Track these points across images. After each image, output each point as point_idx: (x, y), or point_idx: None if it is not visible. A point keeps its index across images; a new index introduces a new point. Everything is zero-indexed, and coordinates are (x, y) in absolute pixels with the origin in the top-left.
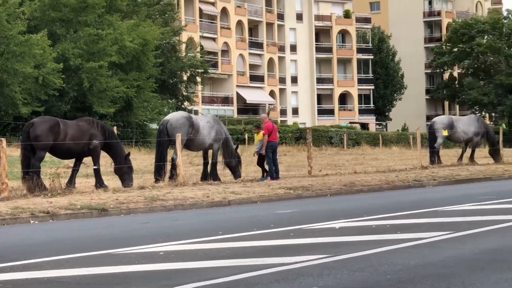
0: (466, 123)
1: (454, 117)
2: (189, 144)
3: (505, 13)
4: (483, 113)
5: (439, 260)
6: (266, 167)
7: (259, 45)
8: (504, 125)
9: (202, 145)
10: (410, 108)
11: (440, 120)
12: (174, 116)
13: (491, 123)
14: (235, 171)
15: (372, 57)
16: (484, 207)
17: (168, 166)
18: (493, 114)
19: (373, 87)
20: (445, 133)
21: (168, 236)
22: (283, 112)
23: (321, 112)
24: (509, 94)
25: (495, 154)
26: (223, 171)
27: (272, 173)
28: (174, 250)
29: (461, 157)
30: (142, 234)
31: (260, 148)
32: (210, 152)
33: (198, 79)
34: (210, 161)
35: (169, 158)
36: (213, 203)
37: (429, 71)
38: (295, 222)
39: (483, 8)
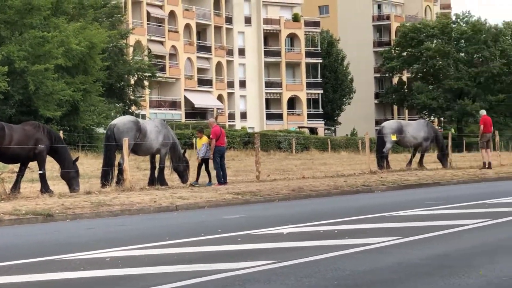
0: (416, 128)
1: (403, 122)
2: (136, 149)
3: (453, 18)
4: (432, 118)
5: (387, 266)
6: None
7: (207, 49)
8: (453, 130)
9: (149, 150)
10: (359, 113)
11: (389, 125)
12: (121, 121)
13: (440, 127)
14: (183, 175)
15: (321, 61)
16: (433, 212)
17: (115, 171)
18: (442, 118)
19: (322, 92)
20: (394, 138)
21: (114, 242)
22: (231, 117)
23: (269, 116)
24: (458, 98)
25: (443, 159)
26: (171, 176)
27: (219, 178)
28: (120, 256)
29: (410, 162)
30: (88, 240)
31: (205, 152)
32: (157, 156)
33: (146, 83)
34: (157, 166)
35: (116, 162)
36: (160, 208)
37: (378, 75)
38: (243, 228)
39: (432, 12)
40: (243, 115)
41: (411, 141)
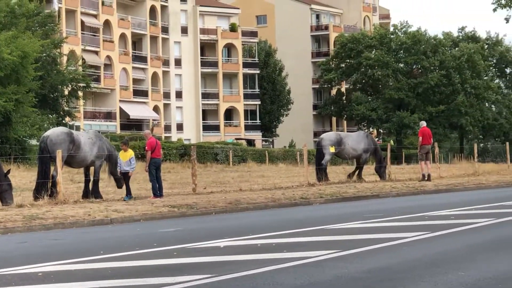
0: (355, 140)
1: (343, 134)
2: (70, 161)
3: (391, 29)
4: (371, 129)
5: (325, 279)
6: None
7: (143, 59)
8: (392, 142)
9: (83, 162)
10: (297, 124)
11: (328, 137)
12: (54, 132)
13: (379, 139)
14: (119, 180)
15: (258, 71)
16: (371, 225)
17: (49, 184)
18: (381, 130)
19: (259, 103)
20: (333, 149)
21: (47, 256)
22: (167, 128)
23: (206, 128)
24: (397, 109)
25: (381, 171)
26: (106, 189)
27: (155, 190)
28: (53, 270)
29: (353, 174)
30: (20, 254)
31: (128, 166)
32: (91, 169)
33: (80, 93)
34: (91, 178)
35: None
36: (95, 221)
37: (316, 86)
38: (179, 241)
39: (371, 22)
40: (180, 127)
41: (350, 152)
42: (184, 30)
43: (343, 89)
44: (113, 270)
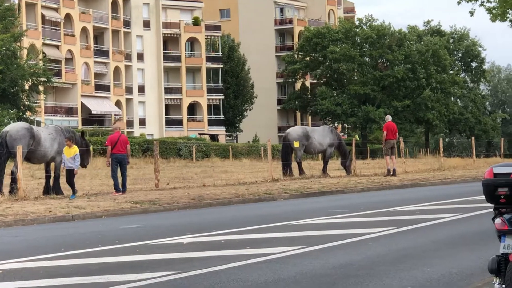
0: (322, 134)
1: (309, 128)
2: (30, 157)
3: (357, 22)
4: (336, 124)
5: (290, 276)
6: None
7: (105, 53)
8: (357, 136)
9: (43, 158)
10: (261, 119)
11: (295, 131)
12: (14, 127)
13: (344, 134)
14: (83, 159)
15: (222, 66)
16: (337, 220)
17: (8, 180)
18: (346, 125)
19: (223, 97)
20: (297, 144)
21: (7, 254)
22: (129, 123)
23: (169, 123)
24: (362, 104)
25: (346, 166)
26: (67, 185)
27: (116, 186)
28: (14, 268)
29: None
30: None
31: (76, 163)
32: (52, 164)
33: (41, 88)
34: (52, 174)
35: (9, 171)
36: (56, 218)
37: (280, 80)
38: (141, 238)
39: (336, 16)
40: (142, 122)
41: (317, 147)
42: (146, 24)
43: (307, 84)
44: (75, 267)
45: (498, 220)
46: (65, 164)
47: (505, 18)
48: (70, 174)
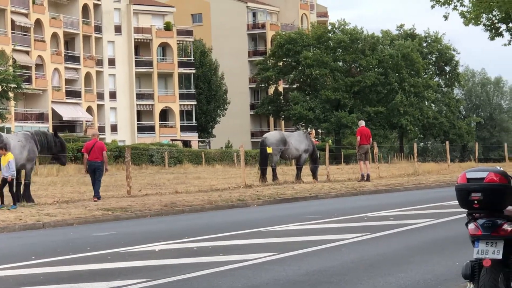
0: (298, 140)
1: (286, 133)
2: None
3: (330, 27)
4: (309, 129)
5: (263, 282)
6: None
7: (76, 59)
8: (330, 142)
9: None
10: (234, 125)
11: (272, 136)
12: None
13: (317, 139)
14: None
15: (194, 71)
16: (310, 226)
17: None
18: (319, 130)
19: (195, 103)
20: (270, 150)
21: None
22: (101, 129)
23: (141, 129)
24: (335, 109)
25: (315, 171)
26: (37, 192)
27: (96, 192)
28: None
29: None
30: None
31: (7, 171)
32: (22, 172)
33: (11, 94)
34: (23, 182)
35: None
36: (26, 226)
37: (253, 85)
38: (113, 245)
39: (309, 20)
40: (114, 128)
41: (293, 153)
42: (117, 29)
43: (280, 89)
44: (46, 275)
45: (471, 226)
46: (3, 173)
47: (478, 22)
48: (5, 183)
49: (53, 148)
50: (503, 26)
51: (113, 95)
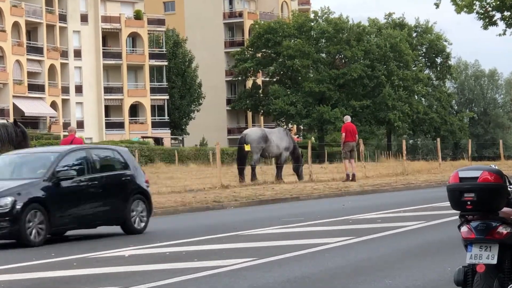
0: (278, 137)
1: (267, 130)
2: None
3: (312, 16)
4: (290, 125)
5: None
6: None
7: (39, 50)
8: (313, 139)
9: None
10: (209, 121)
11: (253, 133)
12: None
13: (299, 136)
14: None
15: (166, 63)
16: (291, 230)
17: None
18: (301, 126)
19: (167, 97)
20: (248, 148)
21: None
22: (66, 126)
23: (109, 125)
24: (319, 103)
25: (299, 171)
26: None
27: None
28: None
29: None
30: None
31: None
32: None
33: None
34: None
35: None
36: None
37: (230, 78)
38: (79, 250)
39: (289, 9)
40: (80, 124)
41: (274, 151)
42: (84, 18)
43: (259, 82)
44: (7, 283)
45: (464, 228)
46: None
47: (472, 9)
48: None
49: (14, 140)
50: (498, 15)
51: (79, 89)
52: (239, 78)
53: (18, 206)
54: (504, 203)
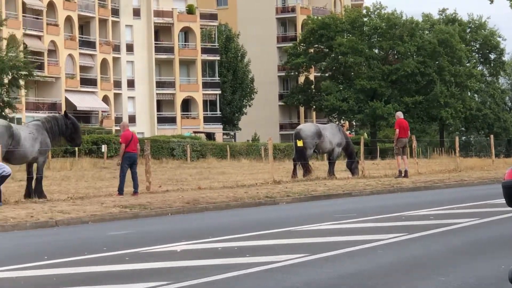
0: (331, 132)
1: (320, 125)
2: (9, 157)
3: (364, 11)
4: (342, 121)
5: (293, 286)
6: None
7: (91, 44)
8: (365, 135)
9: (24, 159)
10: (261, 116)
11: (307, 128)
12: None
13: (351, 132)
14: None
15: (218, 58)
16: (343, 226)
17: None
18: (354, 122)
19: (220, 92)
20: (300, 143)
21: None
22: (118, 120)
23: (161, 120)
24: (371, 100)
25: (353, 167)
26: (50, 187)
27: (121, 188)
28: None
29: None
30: None
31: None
32: (34, 165)
33: (21, 82)
34: (34, 176)
35: None
36: (38, 223)
37: (282, 74)
38: (131, 245)
39: (342, 4)
40: (132, 119)
41: (327, 146)
42: (136, 13)
43: (311, 77)
44: (59, 277)
45: None
46: None
47: None
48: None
49: (65, 132)
50: None
51: (131, 84)
52: (292, 74)
53: None
54: None
